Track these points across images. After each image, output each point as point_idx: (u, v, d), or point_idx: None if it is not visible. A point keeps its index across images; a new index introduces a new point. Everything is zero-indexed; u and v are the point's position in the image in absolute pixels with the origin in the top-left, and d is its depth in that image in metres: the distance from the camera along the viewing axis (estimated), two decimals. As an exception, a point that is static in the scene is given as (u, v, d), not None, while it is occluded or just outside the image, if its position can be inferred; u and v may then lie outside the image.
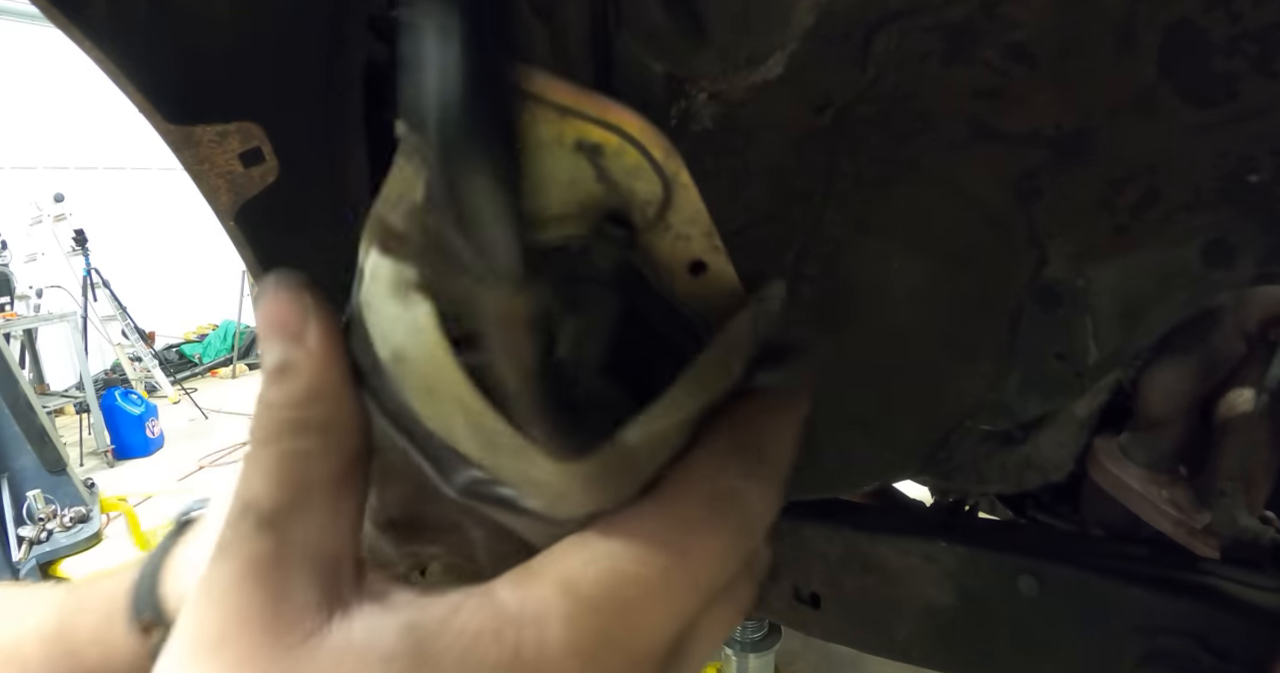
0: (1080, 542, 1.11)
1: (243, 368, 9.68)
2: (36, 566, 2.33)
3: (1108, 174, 0.73)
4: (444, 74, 0.29)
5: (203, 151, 0.80)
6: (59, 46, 1.05)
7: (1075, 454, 0.91)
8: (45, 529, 2.38)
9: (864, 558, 1.05)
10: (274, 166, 0.85)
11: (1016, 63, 0.71)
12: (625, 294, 0.35)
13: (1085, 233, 0.76)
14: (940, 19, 0.70)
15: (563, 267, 0.33)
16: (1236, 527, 0.89)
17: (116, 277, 8.22)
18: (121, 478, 6.31)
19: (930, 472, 0.96)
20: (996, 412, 0.86)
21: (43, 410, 2.81)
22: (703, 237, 0.35)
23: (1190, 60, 0.66)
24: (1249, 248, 0.68)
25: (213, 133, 0.80)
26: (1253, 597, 0.84)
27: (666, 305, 0.35)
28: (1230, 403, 0.91)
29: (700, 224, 0.35)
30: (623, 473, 0.30)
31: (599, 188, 0.32)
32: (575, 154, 0.31)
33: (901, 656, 1.06)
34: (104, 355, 8.97)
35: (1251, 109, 0.65)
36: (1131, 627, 0.87)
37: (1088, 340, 0.78)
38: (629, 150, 0.31)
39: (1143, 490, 0.94)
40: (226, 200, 0.84)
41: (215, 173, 0.82)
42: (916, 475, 1.03)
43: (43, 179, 8.55)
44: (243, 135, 0.82)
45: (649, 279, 0.35)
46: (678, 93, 0.79)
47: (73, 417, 7.27)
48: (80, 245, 7.84)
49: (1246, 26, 0.63)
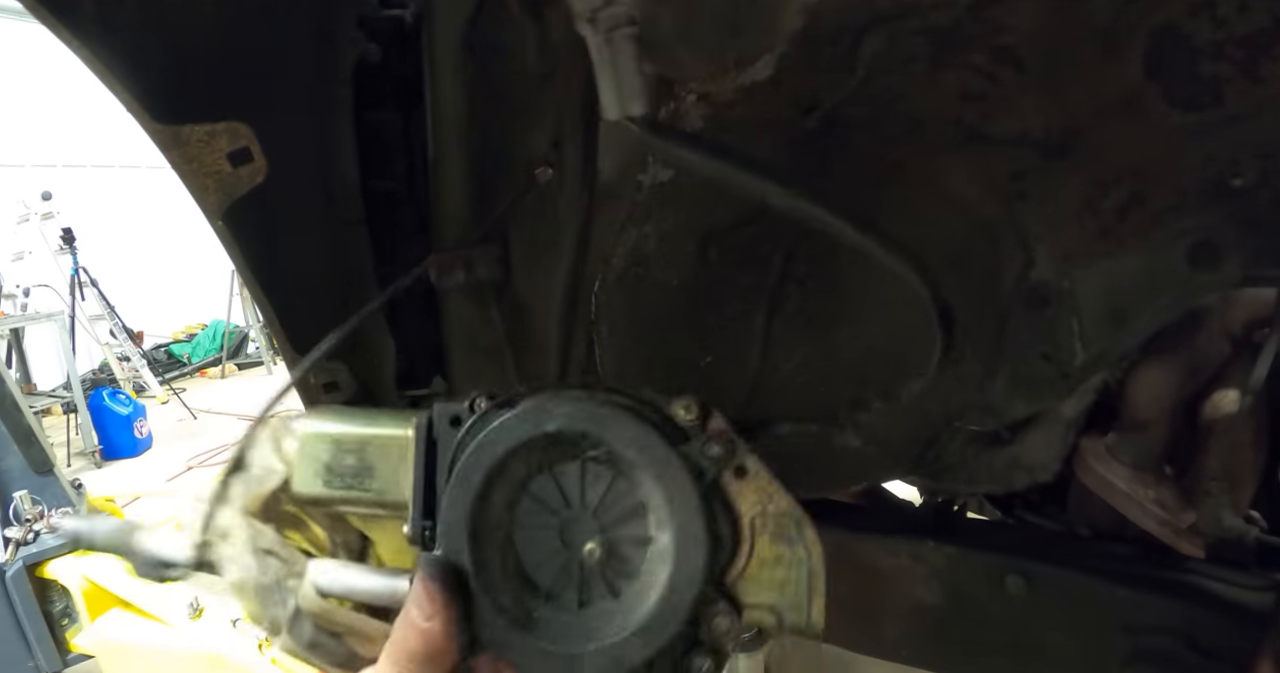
0: (1067, 542, 1.12)
1: (232, 368, 9.62)
2: (23, 567, 2.31)
3: (1094, 177, 0.73)
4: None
5: (191, 151, 0.80)
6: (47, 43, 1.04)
7: (1062, 455, 0.91)
8: (32, 531, 2.36)
9: (853, 558, 1.06)
10: (262, 166, 0.85)
11: (1004, 66, 0.71)
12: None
13: (1072, 235, 0.76)
14: (928, 23, 0.70)
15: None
16: (1221, 526, 0.90)
17: (104, 276, 8.15)
18: (109, 479, 6.26)
19: (919, 472, 0.97)
20: (984, 412, 0.87)
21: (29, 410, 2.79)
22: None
23: (1176, 64, 0.66)
24: (1234, 251, 0.69)
25: (201, 132, 0.80)
26: (1237, 595, 0.85)
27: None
28: (1215, 404, 0.91)
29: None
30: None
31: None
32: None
33: (890, 655, 1.06)
34: (92, 355, 8.90)
35: (1236, 113, 0.66)
36: (1118, 626, 0.87)
37: (1074, 342, 0.78)
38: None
39: (1129, 491, 0.95)
40: (215, 200, 0.83)
41: (203, 172, 0.82)
42: (905, 476, 1.03)
43: (30, 177, 8.47)
44: (231, 135, 0.81)
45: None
46: (667, 93, 0.79)
47: (60, 417, 7.21)
48: (68, 244, 7.78)
49: (1232, 32, 0.63)
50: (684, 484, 0.46)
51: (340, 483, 0.57)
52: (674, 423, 0.49)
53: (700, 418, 0.49)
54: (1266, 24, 0.62)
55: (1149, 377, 0.93)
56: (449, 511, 0.49)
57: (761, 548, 0.49)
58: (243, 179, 0.84)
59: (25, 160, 8.87)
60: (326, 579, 0.58)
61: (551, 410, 0.48)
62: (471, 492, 0.48)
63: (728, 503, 0.48)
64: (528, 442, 0.48)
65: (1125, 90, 0.69)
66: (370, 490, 0.56)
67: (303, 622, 0.58)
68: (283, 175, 0.87)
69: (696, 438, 0.48)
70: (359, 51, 0.96)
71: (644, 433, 0.47)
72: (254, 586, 0.59)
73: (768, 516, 0.49)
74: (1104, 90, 0.70)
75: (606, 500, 0.49)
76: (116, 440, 6.94)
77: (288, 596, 0.59)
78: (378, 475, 0.56)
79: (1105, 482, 0.96)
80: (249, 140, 0.83)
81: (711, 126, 0.80)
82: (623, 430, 0.47)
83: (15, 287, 7.66)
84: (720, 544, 0.48)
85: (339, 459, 0.57)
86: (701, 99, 0.79)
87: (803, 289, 0.92)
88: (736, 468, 0.48)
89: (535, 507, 0.50)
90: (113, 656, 2.24)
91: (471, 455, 0.49)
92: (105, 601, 2.31)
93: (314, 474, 0.57)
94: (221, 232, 0.85)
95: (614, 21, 0.51)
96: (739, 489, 0.48)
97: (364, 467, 0.56)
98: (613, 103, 0.53)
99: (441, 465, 0.52)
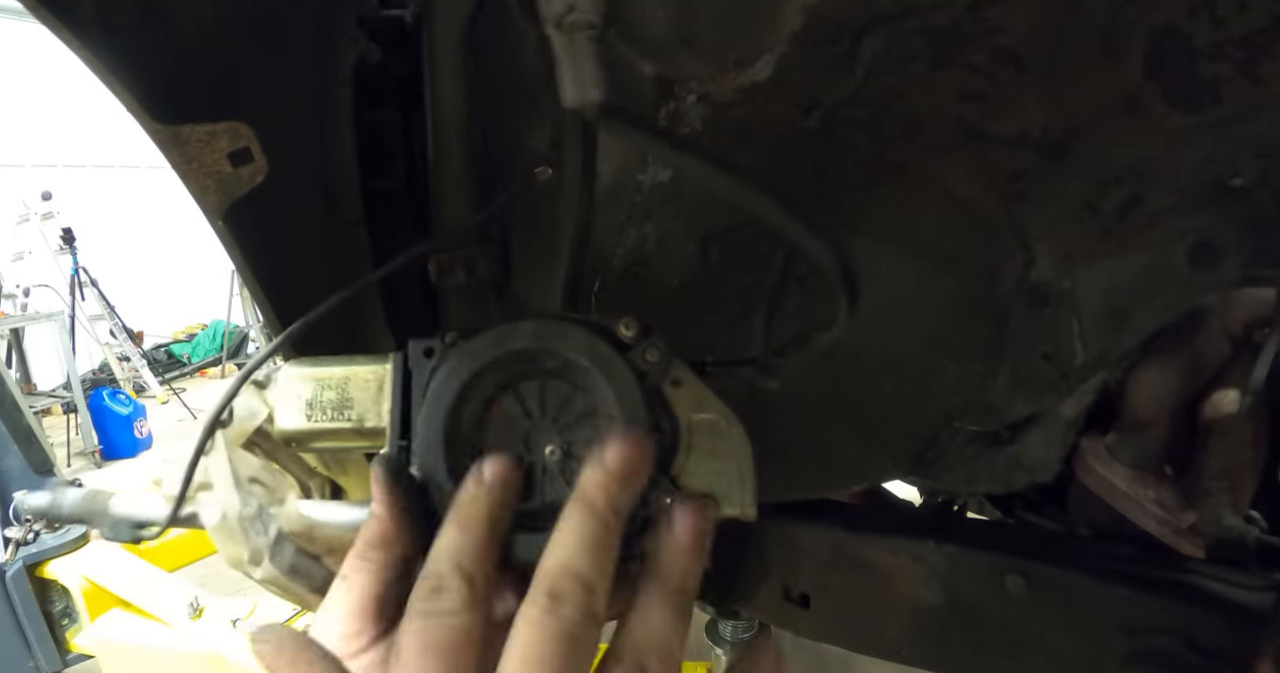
0: (1067, 542, 1.12)
1: (232, 368, 9.61)
2: (24, 567, 2.31)
3: (1094, 177, 0.73)
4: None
5: (191, 151, 0.80)
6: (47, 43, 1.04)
7: (1062, 455, 0.91)
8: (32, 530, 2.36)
9: (853, 558, 1.06)
10: (263, 166, 0.85)
11: (1003, 66, 0.71)
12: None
13: (1072, 235, 0.76)
14: (928, 23, 0.70)
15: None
16: (1221, 526, 0.90)
17: (104, 276, 8.15)
18: (109, 479, 6.27)
19: (919, 472, 0.97)
20: (984, 412, 0.87)
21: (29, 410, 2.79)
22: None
23: (1175, 65, 0.66)
24: (1234, 251, 0.69)
25: (201, 132, 0.79)
26: (1237, 595, 0.85)
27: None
28: (1215, 404, 0.92)
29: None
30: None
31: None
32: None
33: (891, 655, 1.06)
34: (92, 355, 8.90)
35: (1235, 113, 0.66)
36: (1118, 626, 0.87)
37: (1074, 342, 0.78)
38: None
39: (1129, 491, 0.95)
40: (215, 200, 0.83)
41: (204, 172, 0.82)
42: (905, 476, 1.03)
43: (30, 177, 8.48)
44: (231, 135, 0.81)
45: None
46: (666, 94, 0.79)
47: (60, 417, 7.22)
48: (68, 244, 7.78)
49: (1230, 32, 0.63)
50: (629, 381, 0.54)
51: (321, 416, 0.62)
52: (618, 336, 0.55)
53: (640, 334, 0.55)
54: (1266, 24, 0.62)
55: (1149, 377, 0.93)
56: (424, 428, 0.55)
57: (698, 443, 0.56)
58: (243, 179, 0.84)
59: (25, 160, 8.87)
60: (310, 509, 0.64)
61: (513, 332, 0.55)
62: (444, 410, 0.55)
63: (666, 405, 0.55)
64: (493, 362, 0.55)
65: (1125, 90, 0.69)
66: (350, 420, 0.61)
67: (284, 546, 0.64)
68: (283, 175, 0.87)
69: (638, 346, 0.55)
70: (359, 51, 0.96)
71: (593, 341, 0.54)
72: (236, 518, 0.64)
73: (702, 417, 0.56)
74: (1104, 90, 0.70)
75: (563, 409, 0.56)
76: (116, 440, 6.94)
77: (270, 522, 0.64)
78: (356, 406, 0.61)
79: (1105, 482, 0.97)
80: (249, 140, 0.83)
81: (710, 127, 0.80)
82: (575, 341, 0.55)
83: (15, 287, 7.67)
84: (662, 436, 0.54)
85: (320, 395, 0.62)
86: (701, 100, 0.79)
87: (804, 288, 0.92)
88: (672, 379, 0.56)
89: (501, 421, 0.56)
90: (113, 656, 2.24)
91: (443, 378, 0.55)
92: (105, 601, 2.31)
93: (296, 411, 0.62)
94: (221, 232, 0.85)
95: (576, 27, 0.55)
96: (675, 395, 0.56)
97: (344, 400, 0.62)
98: (571, 89, 0.56)
99: (416, 391, 0.57)
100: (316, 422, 0.62)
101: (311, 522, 0.62)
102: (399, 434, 0.57)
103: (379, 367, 0.61)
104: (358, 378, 0.61)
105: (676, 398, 0.56)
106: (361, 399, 0.61)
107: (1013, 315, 0.81)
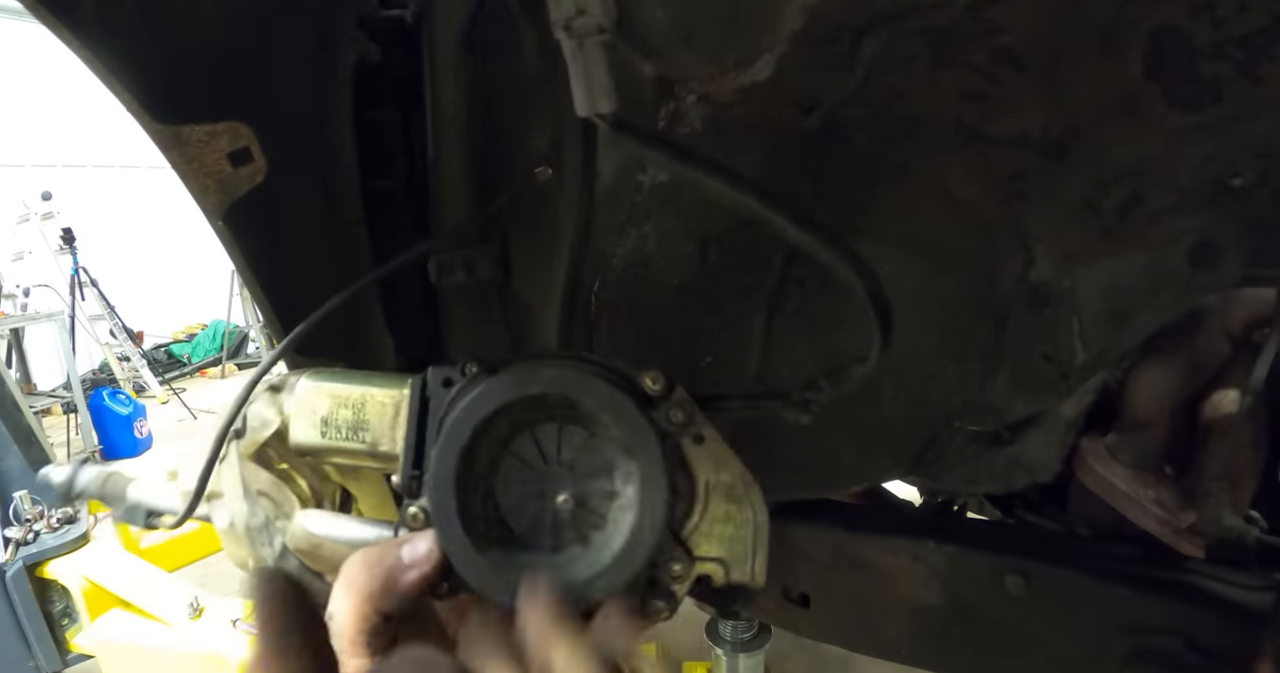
0: (1067, 542, 1.12)
1: (232, 368, 9.62)
2: (24, 567, 2.31)
3: (1094, 176, 0.73)
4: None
5: (191, 151, 0.80)
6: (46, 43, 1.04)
7: (1062, 455, 0.91)
8: (32, 530, 2.36)
9: (853, 558, 1.06)
10: (263, 166, 0.85)
11: (1003, 66, 0.71)
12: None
13: (1072, 235, 0.76)
14: (928, 23, 0.70)
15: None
16: (1221, 526, 0.90)
17: (104, 276, 8.14)
18: (109, 478, 6.27)
19: (919, 472, 0.97)
20: (984, 412, 0.87)
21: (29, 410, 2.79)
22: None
23: (1175, 65, 0.66)
24: (1234, 251, 0.69)
25: (201, 132, 0.80)
26: (1237, 595, 0.85)
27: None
28: (1215, 404, 0.92)
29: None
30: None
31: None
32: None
33: (890, 655, 1.06)
34: (91, 355, 8.89)
35: (1235, 113, 0.66)
36: (1118, 626, 0.87)
37: (1074, 341, 0.78)
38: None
39: (1129, 490, 0.95)
40: (215, 200, 0.83)
41: (204, 172, 0.82)
42: (905, 476, 1.03)
43: (30, 177, 8.47)
44: (231, 135, 0.81)
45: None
46: (666, 94, 0.79)
47: (60, 417, 7.21)
48: (68, 244, 7.77)
49: (1231, 32, 0.63)
50: (650, 442, 0.52)
51: (336, 434, 0.61)
52: (643, 391, 0.54)
53: (666, 389, 0.54)
54: (1266, 24, 0.62)
55: (1149, 377, 0.93)
56: (438, 462, 0.53)
57: (714, 507, 0.55)
58: (243, 179, 0.84)
59: (25, 160, 8.86)
60: (314, 524, 0.63)
61: (535, 375, 0.54)
62: (459, 446, 0.53)
63: (686, 465, 0.54)
64: (512, 403, 0.54)
65: (1125, 90, 0.69)
66: (364, 443, 0.60)
67: (288, 560, 0.64)
68: (283, 175, 0.87)
69: (662, 405, 0.54)
70: (359, 51, 0.96)
71: (617, 398, 0.53)
72: (244, 527, 0.64)
73: (720, 478, 0.55)
74: (1104, 90, 0.70)
75: (579, 458, 0.55)
76: (116, 440, 6.93)
77: (275, 535, 0.64)
78: (371, 430, 0.60)
79: (1105, 482, 0.97)
80: (249, 140, 0.83)
81: (710, 127, 0.80)
82: (598, 395, 0.53)
83: (15, 287, 7.66)
84: (679, 498, 0.54)
85: (336, 413, 0.61)
86: (701, 99, 0.79)
87: (803, 289, 0.92)
88: (695, 435, 0.55)
89: (516, 462, 0.55)
90: (113, 656, 2.24)
91: (461, 413, 0.54)
92: (105, 601, 2.31)
93: (311, 426, 0.62)
94: (221, 232, 0.85)
95: (585, 31, 0.54)
96: (696, 454, 0.55)
97: (359, 421, 0.61)
98: (583, 100, 0.56)
99: (432, 422, 0.57)
100: (331, 439, 0.61)
101: (317, 539, 0.62)
102: (412, 464, 0.56)
103: (396, 391, 0.60)
104: (374, 401, 0.60)
105: (697, 457, 0.54)
106: (377, 424, 0.60)
107: (1013, 315, 0.81)
